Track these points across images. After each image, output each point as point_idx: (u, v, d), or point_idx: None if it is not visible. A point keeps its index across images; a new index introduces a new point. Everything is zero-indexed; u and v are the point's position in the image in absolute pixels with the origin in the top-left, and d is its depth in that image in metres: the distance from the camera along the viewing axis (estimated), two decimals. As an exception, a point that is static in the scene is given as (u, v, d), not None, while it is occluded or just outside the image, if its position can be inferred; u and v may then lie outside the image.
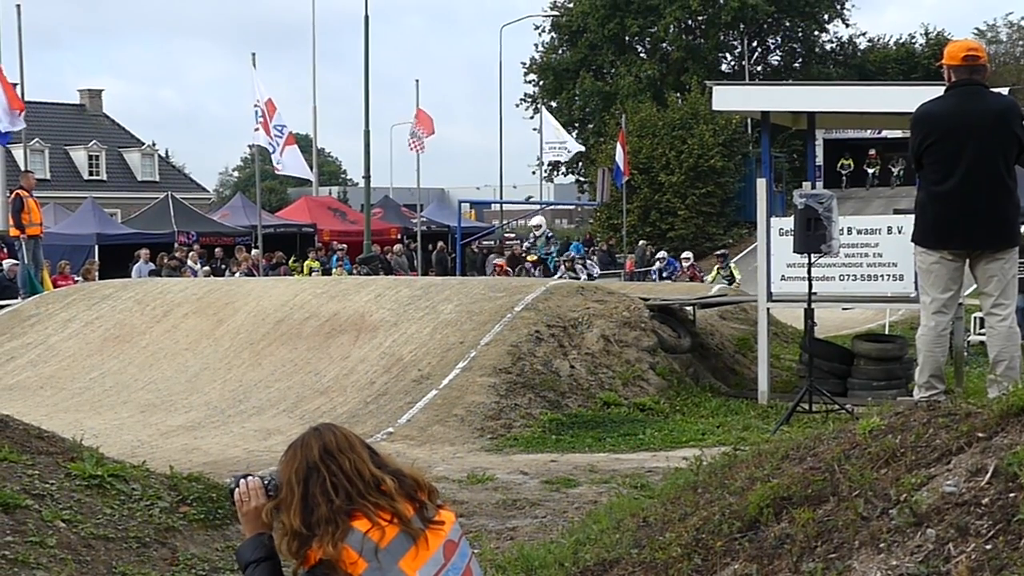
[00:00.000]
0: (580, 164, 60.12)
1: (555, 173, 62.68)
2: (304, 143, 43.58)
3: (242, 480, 4.03)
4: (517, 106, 64.41)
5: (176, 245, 36.13)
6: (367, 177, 36.92)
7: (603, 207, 48.14)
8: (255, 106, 33.34)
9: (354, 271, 32.49)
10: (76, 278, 26.35)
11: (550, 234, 34.14)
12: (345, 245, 37.30)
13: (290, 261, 37.13)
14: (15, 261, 23.71)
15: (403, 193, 66.13)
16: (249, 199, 48.31)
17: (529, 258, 25.13)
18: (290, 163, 31.94)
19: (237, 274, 29.97)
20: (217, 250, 36.49)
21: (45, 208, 25.08)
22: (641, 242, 44.59)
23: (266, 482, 4.02)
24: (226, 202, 58.89)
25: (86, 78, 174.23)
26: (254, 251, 33.27)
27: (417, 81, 56.60)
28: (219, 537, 8.66)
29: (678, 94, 55.94)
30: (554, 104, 60.78)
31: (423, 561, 3.80)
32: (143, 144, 70.76)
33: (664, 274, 31.10)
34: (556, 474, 11.38)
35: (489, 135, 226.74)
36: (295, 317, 17.52)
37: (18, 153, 48.14)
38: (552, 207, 64.71)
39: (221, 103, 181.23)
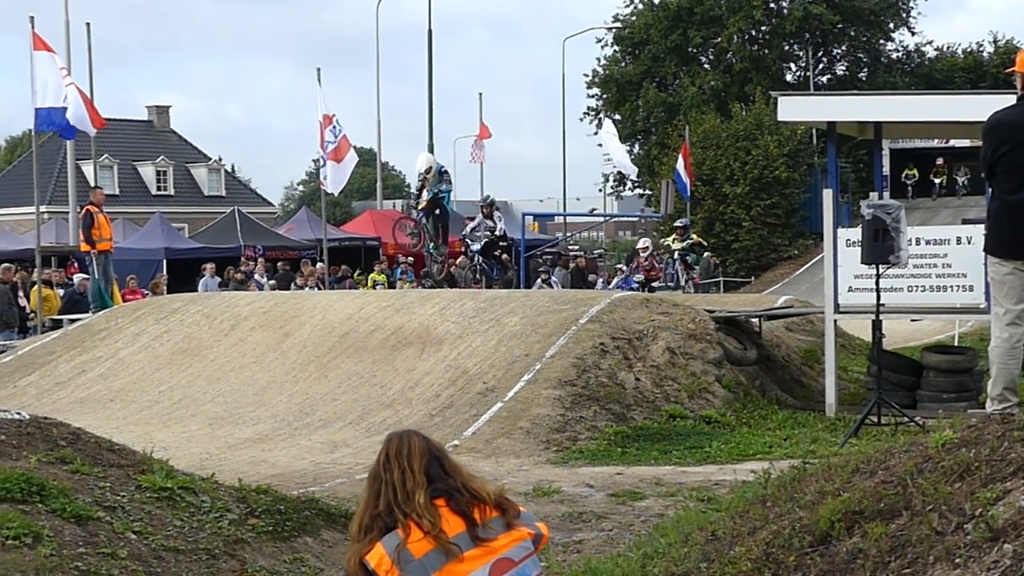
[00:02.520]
0: (642, 178, 59.94)
1: (621, 187, 62.57)
2: (368, 157, 44.00)
3: None
4: (581, 120, 64.18)
5: (242, 259, 36.43)
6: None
7: (667, 219, 48.00)
8: (320, 121, 33.56)
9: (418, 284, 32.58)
10: (145, 292, 26.64)
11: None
12: (410, 258, 37.42)
13: (355, 274, 37.31)
14: (86, 276, 24.02)
15: (467, 206, 66.30)
16: (314, 213, 48.63)
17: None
18: (334, 176, 31.89)
19: (304, 288, 30.17)
20: (282, 264, 36.75)
21: (114, 223, 25.41)
22: (706, 254, 44.38)
23: None
24: (291, 216, 59.35)
25: (154, 95, 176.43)
26: (319, 264, 33.43)
27: (480, 94, 57.06)
28: (287, 549, 8.71)
29: (742, 105, 55.64)
30: (617, 116, 60.67)
31: None
32: (210, 159, 71.49)
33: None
34: (622, 487, 11.35)
35: (552, 148, 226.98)
36: (361, 330, 17.60)
37: (87, 169, 48.81)
38: (616, 219, 64.58)
39: (286, 118, 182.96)
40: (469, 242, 24.92)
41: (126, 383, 17.41)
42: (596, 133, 57.15)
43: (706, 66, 61.88)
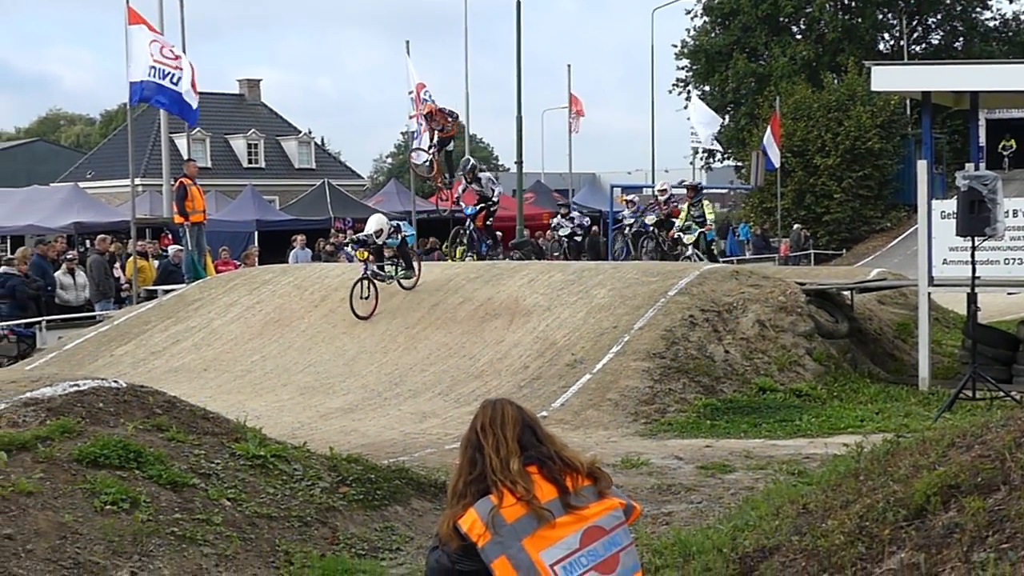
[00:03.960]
0: (731, 150, 59.34)
1: (711, 159, 62.01)
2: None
3: None
4: (669, 92, 63.61)
5: (332, 231, 36.70)
6: (519, 162, 36.96)
7: (756, 191, 47.50)
8: (409, 93, 33.68)
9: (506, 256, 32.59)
10: (237, 264, 26.95)
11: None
12: (500, 232, 37.47)
13: (443, 246, 37.43)
14: (179, 247, 24.36)
15: (555, 178, 66.19)
16: (403, 185, 48.85)
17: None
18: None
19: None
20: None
21: (207, 195, 25.70)
22: (796, 226, 43.89)
23: None
24: (380, 188, 59.61)
25: (245, 68, 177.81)
26: (408, 237, 33.62)
27: (569, 66, 56.52)
28: (378, 518, 8.80)
29: (834, 75, 54.84)
30: (706, 88, 60.10)
31: (550, 543, 3.82)
32: (300, 132, 71.99)
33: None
34: (711, 459, 11.29)
35: (641, 119, 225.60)
36: (450, 301, 17.67)
37: (181, 142, 49.46)
38: (705, 191, 64.16)
39: (375, 91, 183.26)
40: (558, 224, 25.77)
41: (219, 353, 17.66)
42: (686, 107, 56.63)
43: (797, 36, 61.01)
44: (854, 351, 16.70)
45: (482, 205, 21.54)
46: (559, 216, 30.21)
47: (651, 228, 25.46)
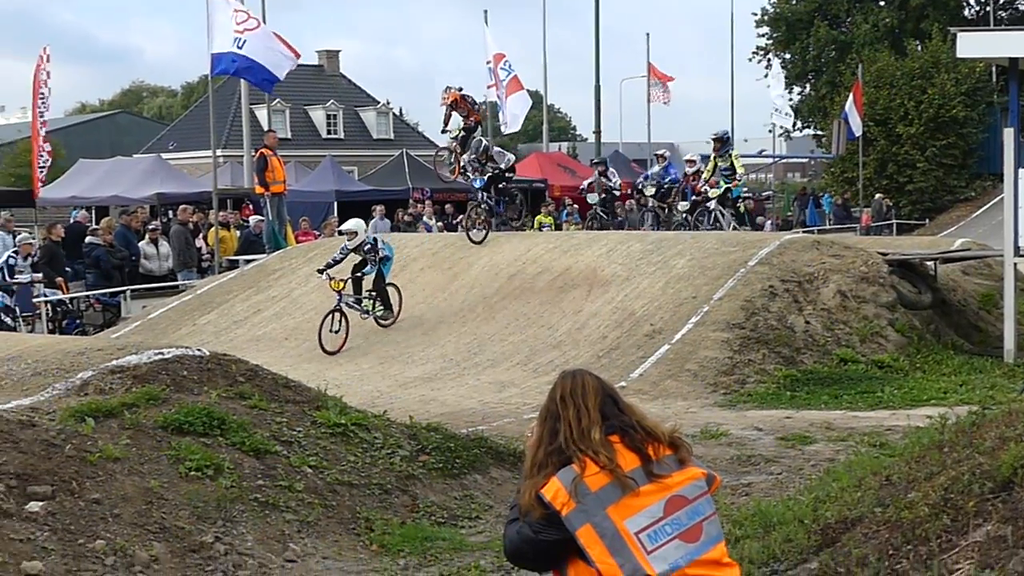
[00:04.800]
0: (811, 119, 58.65)
1: (791, 128, 61.32)
2: (534, 99, 43.90)
3: None
4: (749, 60, 62.89)
5: (411, 201, 36.85)
6: (597, 132, 36.93)
7: (838, 160, 46.93)
8: (487, 63, 33.71)
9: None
10: (317, 234, 27.16)
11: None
12: (576, 204, 37.37)
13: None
14: (260, 217, 24.58)
15: (633, 148, 65.79)
16: (481, 155, 48.81)
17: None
18: (511, 114, 32.25)
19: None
20: (449, 206, 37.04)
21: (287, 166, 25.86)
22: (878, 196, 43.33)
23: None
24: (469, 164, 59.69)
25: (324, 39, 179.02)
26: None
27: (648, 35, 56.08)
28: (457, 486, 8.85)
29: (917, 42, 53.94)
30: (787, 56, 59.40)
31: (634, 511, 3.81)
32: (378, 103, 72.24)
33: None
34: (791, 431, 11.22)
35: (720, 88, 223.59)
36: (528, 272, 17.68)
37: (261, 113, 49.80)
38: (784, 160, 63.51)
39: (453, 61, 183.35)
40: (641, 187, 24.85)
41: (299, 322, 17.81)
42: (766, 75, 56.05)
43: (880, 2, 60.09)
44: (937, 322, 16.48)
45: (491, 177, 20.24)
46: (590, 181, 26.51)
47: (652, 201, 24.34)
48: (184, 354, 9.29)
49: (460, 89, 21.36)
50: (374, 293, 17.13)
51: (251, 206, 29.19)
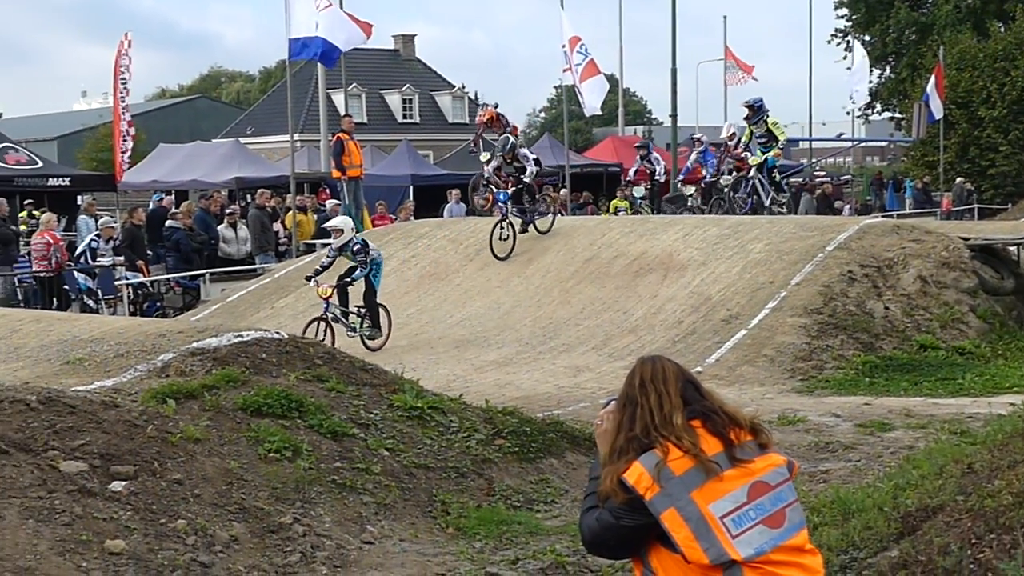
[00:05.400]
0: (892, 102, 57.89)
1: (869, 111, 60.56)
2: (610, 83, 43.78)
3: (612, 401, 4.12)
4: (828, 42, 62.14)
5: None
6: (674, 116, 36.62)
7: (918, 144, 46.29)
8: (562, 47, 33.58)
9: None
10: (393, 218, 27.28)
11: None
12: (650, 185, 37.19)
13: (597, 200, 37.35)
14: (337, 201, 24.74)
15: (709, 132, 65.43)
16: (556, 139, 48.78)
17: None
18: (588, 97, 32.15)
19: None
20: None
21: (363, 150, 25.99)
22: (959, 180, 42.69)
23: None
24: (533, 143, 59.70)
25: (400, 24, 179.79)
26: (562, 191, 33.61)
27: (725, 17, 55.61)
28: (533, 470, 8.86)
29: (1000, 23, 53.03)
30: (866, 38, 58.64)
31: (718, 495, 3.79)
32: (454, 87, 72.42)
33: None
34: (870, 417, 11.10)
35: (798, 71, 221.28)
36: (603, 256, 17.64)
37: (337, 98, 50.09)
38: (863, 144, 62.81)
39: (528, 44, 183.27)
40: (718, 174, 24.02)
41: (376, 306, 17.90)
42: (845, 57, 55.39)
43: (962, -17, 59.16)
44: (1020, 308, 16.22)
45: (515, 188, 19.32)
46: (635, 170, 25.38)
47: (689, 199, 23.81)
48: (263, 337, 9.38)
49: (496, 106, 21.04)
50: (363, 310, 16.09)
51: (328, 190, 29.39)
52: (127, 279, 20.64)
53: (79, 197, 29.60)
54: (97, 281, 19.85)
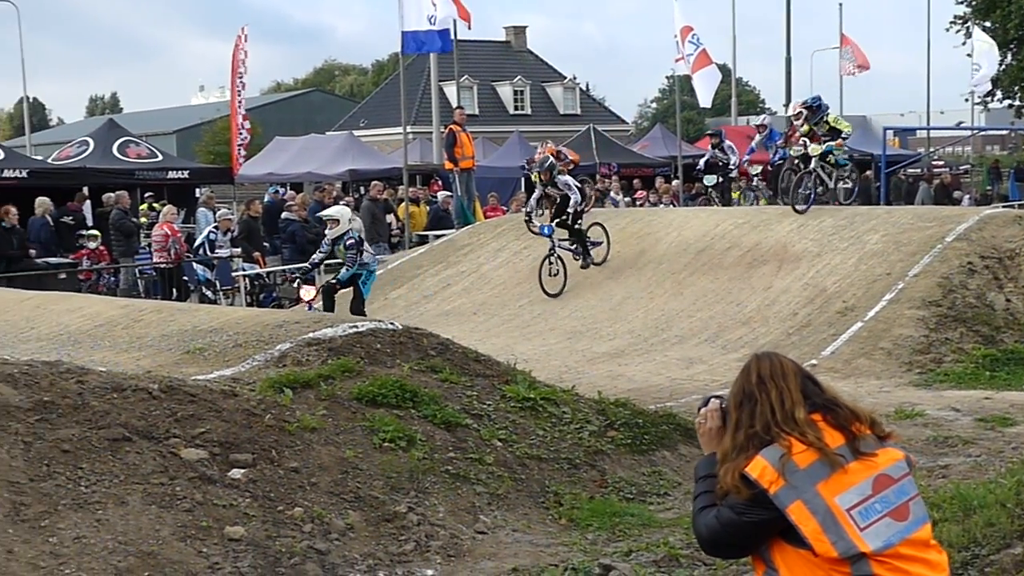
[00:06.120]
0: (1014, 90, 56.52)
1: (989, 99, 59.24)
2: (722, 73, 43.46)
3: (712, 399, 4.09)
4: (947, 29, 60.90)
5: (598, 176, 36.82)
6: (787, 106, 36.23)
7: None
8: (674, 37, 33.38)
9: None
10: (505, 209, 27.37)
11: None
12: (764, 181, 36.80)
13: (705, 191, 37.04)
14: (449, 193, 24.91)
15: (823, 121, 64.52)
16: (668, 130, 48.52)
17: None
18: (700, 88, 31.97)
19: (659, 205, 30.25)
20: (636, 181, 36.90)
21: (475, 142, 26.12)
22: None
23: (722, 406, 4.07)
24: (645, 133, 59.43)
25: (511, 15, 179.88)
26: (674, 181, 33.44)
27: (840, 4, 54.54)
28: (645, 462, 8.83)
29: None
30: (987, 24, 57.35)
31: (844, 488, 3.74)
32: (565, 78, 72.40)
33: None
34: (991, 412, 10.86)
35: (915, 58, 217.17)
36: (716, 247, 17.51)
37: (449, 90, 50.44)
38: (983, 133, 61.46)
39: (640, 35, 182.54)
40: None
41: (488, 296, 17.99)
42: (964, 43, 54.21)
43: (1088, -34, 57.52)
44: None
45: (559, 218, 18.09)
46: (705, 159, 24.00)
47: (755, 180, 22.52)
48: (377, 327, 9.47)
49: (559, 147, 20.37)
50: (351, 312, 15.19)
51: (440, 182, 29.58)
52: (244, 270, 20.99)
53: (197, 190, 30.19)
54: (215, 272, 20.21)
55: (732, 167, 23.04)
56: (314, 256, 16.77)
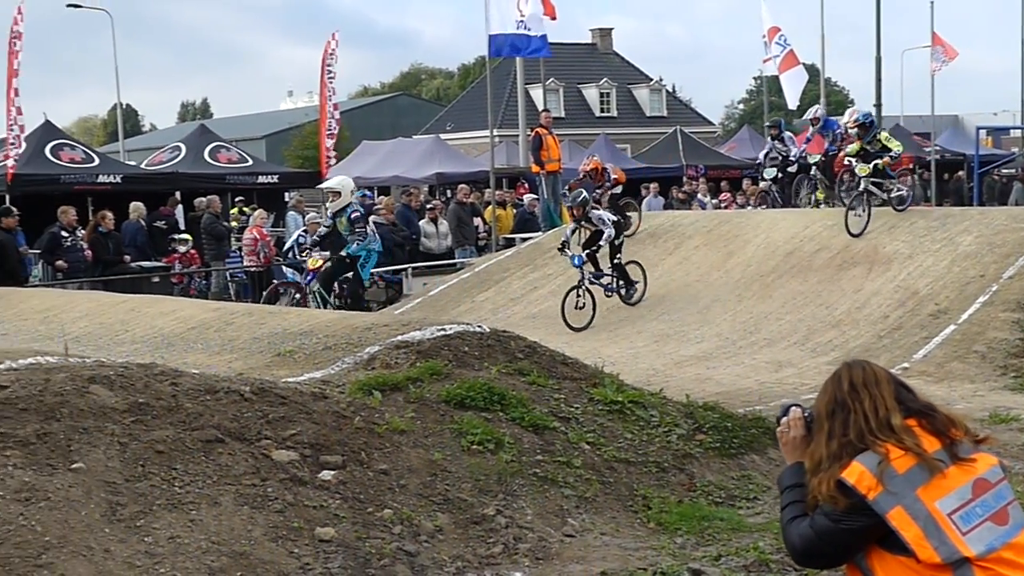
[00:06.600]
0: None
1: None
2: (811, 72, 43.12)
3: (792, 408, 4.05)
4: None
5: (685, 179, 36.69)
6: (878, 105, 35.78)
7: None
8: (762, 37, 33.19)
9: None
10: (591, 211, 27.31)
11: None
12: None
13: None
14: (535, 196, 24.92)
15: (914, 121, 63.55)
16: (756, 131, 48.20)
17: None
18: (788, 85, 31.76)
19: (746, 207, 30.02)
20: (723, 183, 36.71)
21: (561, 145, 26.13)
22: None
23: (806, 414, 4.03)
24: (732, 135, 59.10)
25: (597, 17, 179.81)
26: (761, 183, 33.18)
27: (932, 2, 53.73)
28: (734, 466, 8.77)
29: None
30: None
31: (944, 492, 3.69)
32: (651, 80, 72.18)
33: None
34: (1091, 417, 10.65)
35: (1009, 57, 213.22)
36: (805, 249, 17.35)
37: (535, 93, 50.45)
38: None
39: (727, 35, 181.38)
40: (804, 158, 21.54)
41: (575, 299, 17.95)
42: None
43: None
44: None
45: (590, 248, 17.36)
46: (765, 152, 22.90)
47: (813, 169, 21.26)
48: (465, 330, 9.50)
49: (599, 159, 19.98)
50: (347, 295, 15.06)
51: (526, 184, 29.64)
52: (333, 273, 21.15)
53: (287, 194, 30.54)
54: (304, 275, 20.41)
55: (793, 159, 22.09)
56: (320, 230, 16.68)
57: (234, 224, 27.46)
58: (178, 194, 26.96)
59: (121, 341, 11.07)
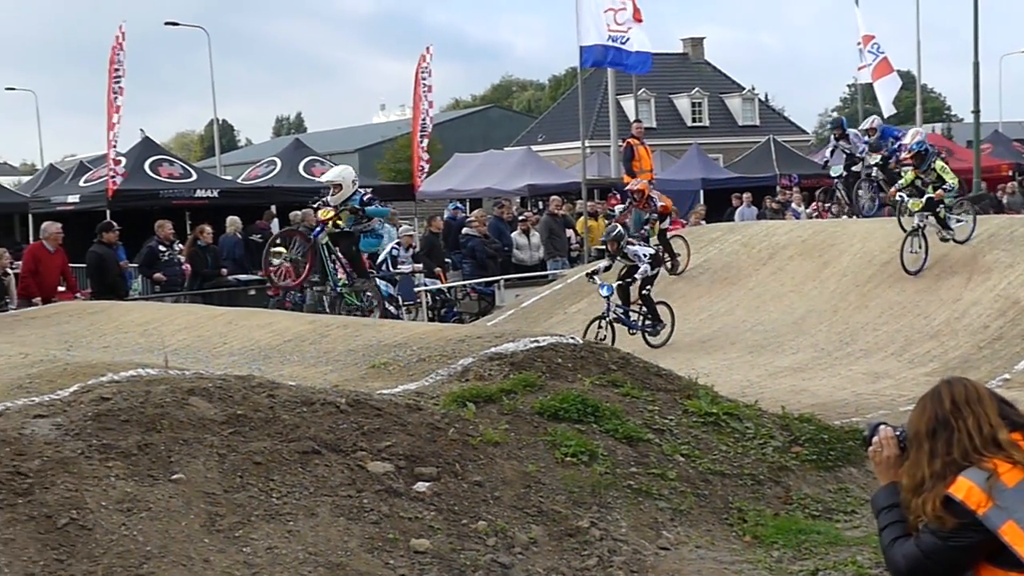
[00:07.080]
0: None
1: None
2: (907, 79, 42.63)
3: (880, 427, 3.99)
4: None
5: (778, 188, 36.33)
6: (976, 112, 35.21)
7: None
8: (857, 45, 32.81)
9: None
10: (683, 222, 27.18)
11: None
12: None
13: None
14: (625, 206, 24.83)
15: (1015, 127, 62.46)
16: (850, 139, 47.56)
17: None
18: (881, 93, 31.42)
19: (841, 216, 29.65)
20: (817, 192, 36.28)
21: (653, 155, 26.03)
22: None
23: (898, 433, 3.96)
24: (826, 143, 58.41)
25: (688, 27, 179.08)
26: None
27: (1030, 6, 52.60)
28: (831, 479, 8.67)
29: None
30: None
31: None
32: (743, 89, 71.69)
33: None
34: None
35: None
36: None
37: (627, 103, 50.40)
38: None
39: (820, 43, 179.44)
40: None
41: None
42: None
43: None
44: None
45: (623, 281, 16.64)
46: (830, 150, 21.89)
47: (873, 169, 20.20)
48: (558, 342, 9.50)
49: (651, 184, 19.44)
50: (342, 262, 15.08)
51: (618, 195, 29.55)
52: (426, 285, 21.30)
53: (378, 206, 30.69)
54: (398, 288, 20.57)
55: (860, 155, 20.92)
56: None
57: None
58: (273, 208, 27.30)
59: (219, 353, 11.23)
